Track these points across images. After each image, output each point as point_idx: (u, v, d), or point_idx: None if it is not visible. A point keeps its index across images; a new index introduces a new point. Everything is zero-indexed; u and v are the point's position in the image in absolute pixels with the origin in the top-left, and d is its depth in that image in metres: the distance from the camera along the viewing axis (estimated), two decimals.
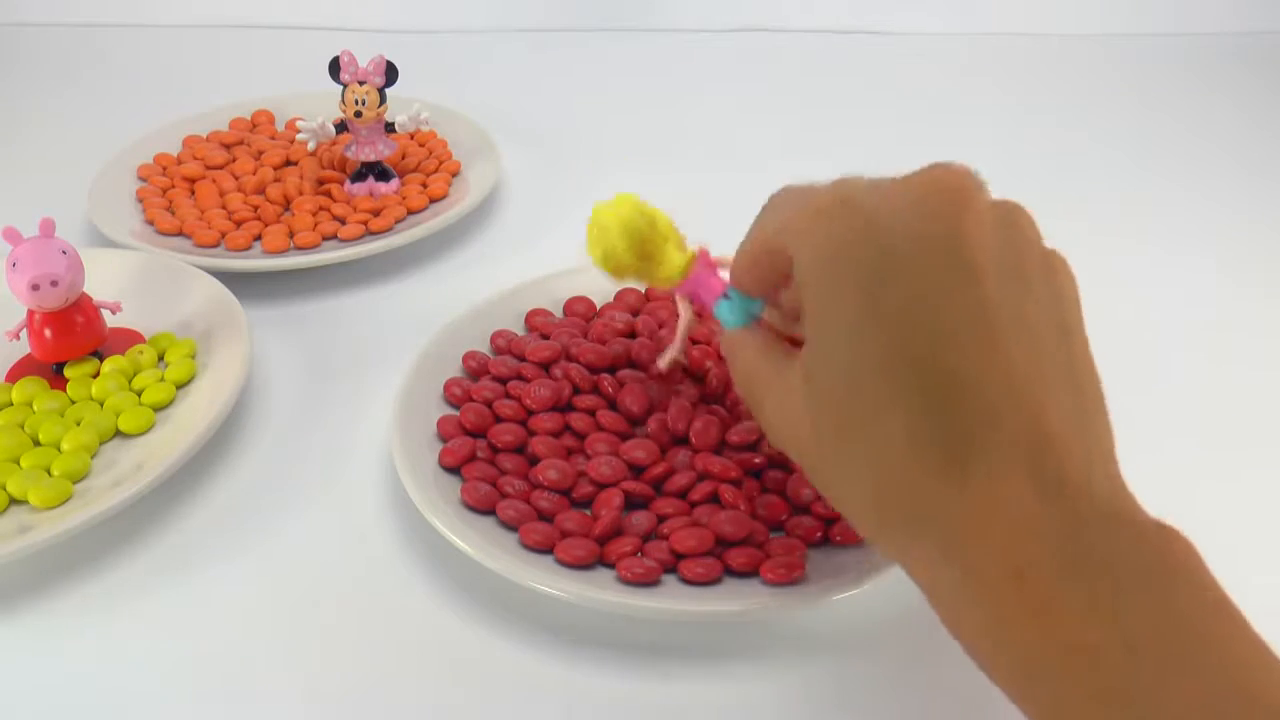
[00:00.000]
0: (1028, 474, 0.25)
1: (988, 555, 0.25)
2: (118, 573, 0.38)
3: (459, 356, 0.44)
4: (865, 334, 0.26)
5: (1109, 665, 0.23)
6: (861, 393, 0.26)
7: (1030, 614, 0.24)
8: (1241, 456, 0.43)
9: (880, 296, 0.26)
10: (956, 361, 0.25)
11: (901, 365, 0.26)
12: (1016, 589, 0.24)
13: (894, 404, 0.26)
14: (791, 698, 0.34)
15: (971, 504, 0.25)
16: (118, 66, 0.81)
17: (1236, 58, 0.82)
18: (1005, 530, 0.24)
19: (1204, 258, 0.57)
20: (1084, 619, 0.23)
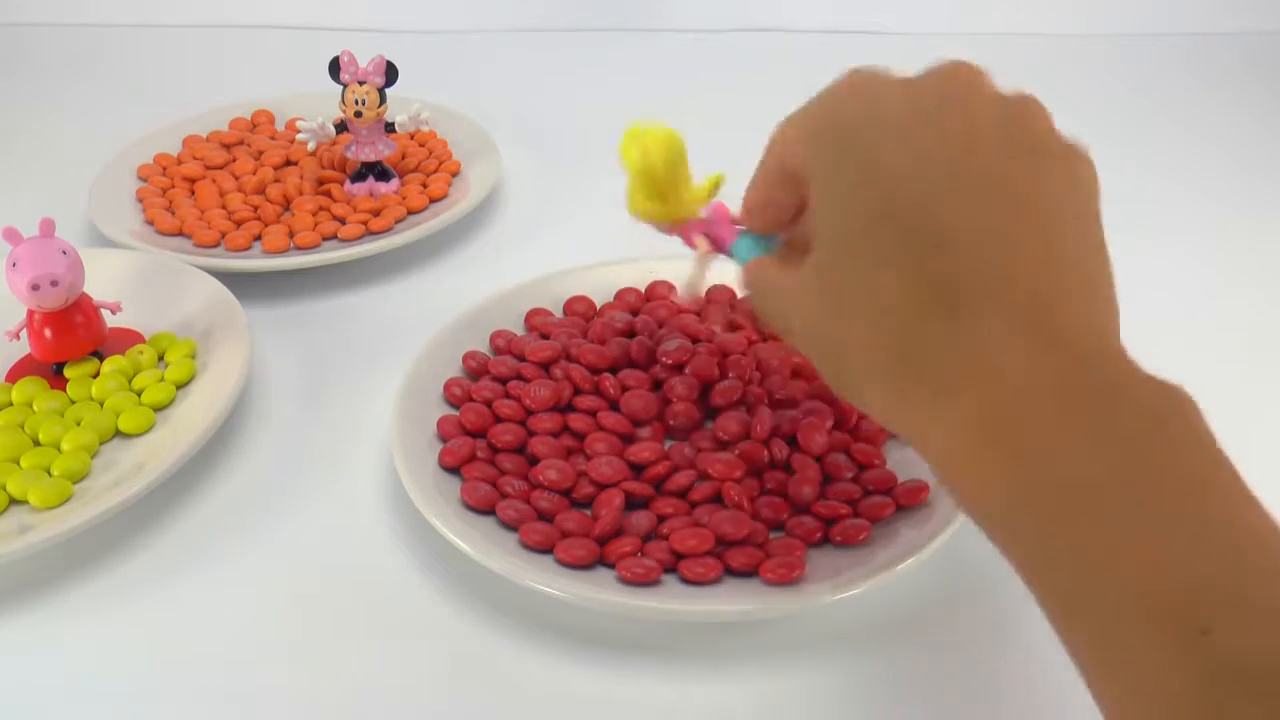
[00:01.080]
0: (1018, 327, 0.25)
1: (976, 397, 0.25)
2: (118, 573, 0.38)
3: (459, 356, 0.44)
4: (861, 195, 0.27)
5: (1107, 505, 0.23)
6: (858, 252, 0.27)
7: (1014, 454, 0.24)
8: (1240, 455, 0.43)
9: (879, 161, 0.27)
10: (949, 217, 0.26)
11: (895, 221, 0.27)
12: (1000, 430, 0.25)
13: (887, 257, 0.27)
14: (791, 698, 0.34)
15: (960, 345, 0.26)
16: (118, 66, 0.81)
17: (1236, 58, 0.82)
18: (1001, 372, 0.25)
19: (1203, 258, 0.57)
20: (1082, 457, 0.23)
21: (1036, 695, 0.33)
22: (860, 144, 0.28)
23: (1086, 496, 0.23)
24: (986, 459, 0.25)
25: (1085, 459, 0.23)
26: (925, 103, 0.28)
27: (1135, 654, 0.21)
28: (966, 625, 0.36)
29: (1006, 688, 0.34)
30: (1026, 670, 0.34)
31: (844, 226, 0.28)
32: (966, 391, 0.25)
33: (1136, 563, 0.22)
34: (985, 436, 0.25)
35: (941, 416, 0.26)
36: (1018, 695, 0.34)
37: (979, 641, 0.35)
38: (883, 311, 0.27)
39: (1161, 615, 0.21)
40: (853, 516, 0.37)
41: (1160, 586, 0.22)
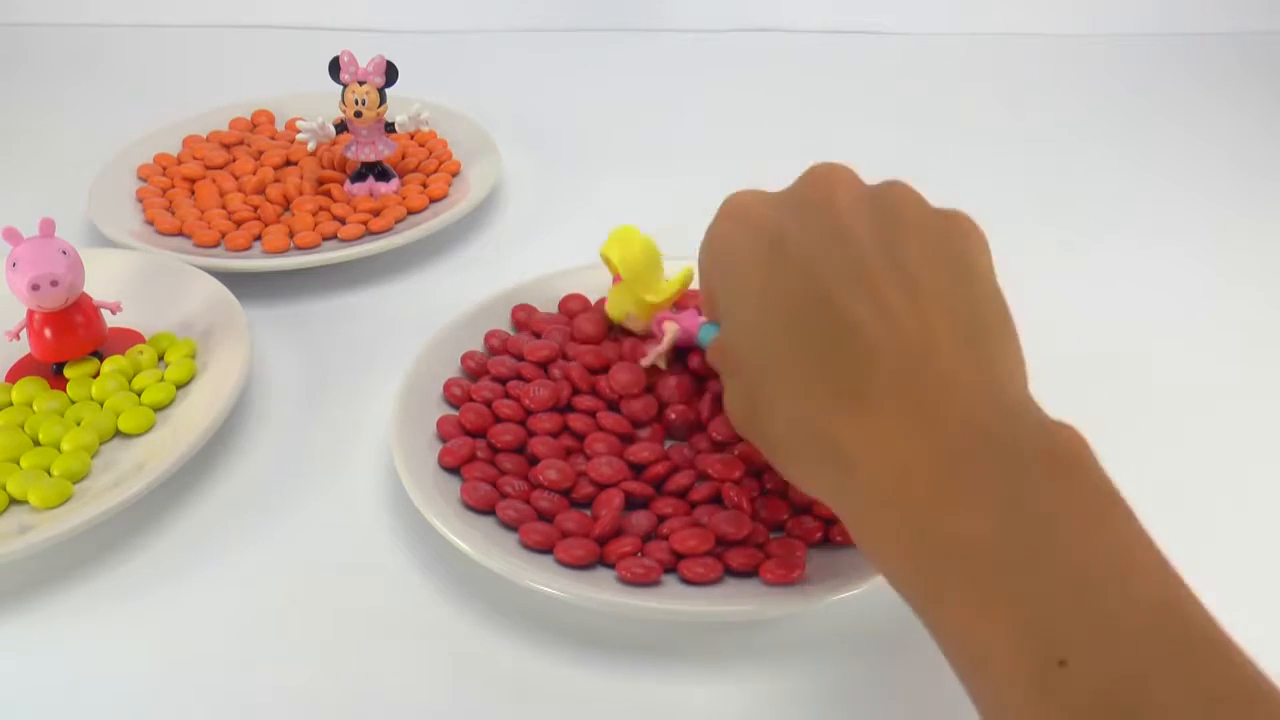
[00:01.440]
0: (905, 396, 0.27)
1: (876, 468, 0.27)
2: (118, 573, 0.38)
3: (459, 356, 0.44)
4: (767, 304, 0.31)
5: (984, 551, 0.24)
6: (770, 350, 0.30)
7: (914, 510, 0.26)
8: (1240, 455, 0.43)
9: (775, 270, 0.31)
10: (841, 309, 0.29)
11: (798, 320, 0.30)
12: (903, 491, 0.26)
13: (795, 352, 0.30)
14: (792, 698, 0.34)
15: (862, 429, 0.28)
16: (118, 66, 0.81)
17: (1236, 58, 0.82)
18: (891, 445, 0.27)
19: (1203, 257, 0.57)
20: (963, 510, 0.25)
21: None
22: (741, 267, 0.32)
23: (969, 548, 0.25)
24: (885, 521, 0.27)
25: (967, 513, 0.25)
26: (802, 211, 0.32)
27: (1010, 696, 0.23)
28: None
29: None
30: None
31: (751, 350, 0.31)
32: (864, 465, 0.27)
33: (1003, 611, 0.23)
34: (883, 501, 0.27)
35: (847, 487, 0.28)
36: None
37: None
38: (794, 405, 0.30)
39: (1022, 654, 0.22)
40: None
41: (1021, 628, 0.23)
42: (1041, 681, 0.22)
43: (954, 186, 0.64)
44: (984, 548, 0.24)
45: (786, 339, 0.30)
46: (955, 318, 0.29)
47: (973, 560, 0.24)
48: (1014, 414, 0.27)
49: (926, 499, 0.26)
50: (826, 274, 0.29)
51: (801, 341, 0.29)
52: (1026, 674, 0.22)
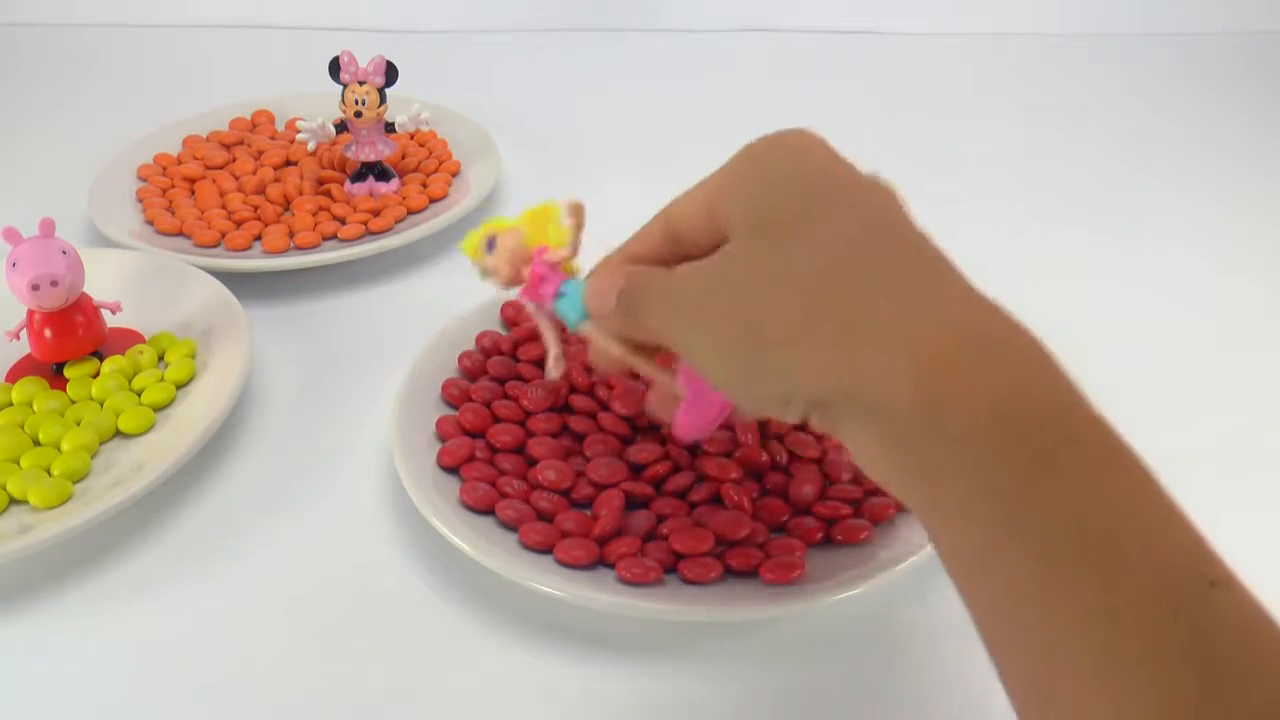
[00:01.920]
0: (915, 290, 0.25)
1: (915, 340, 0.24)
2: (118, 573, 0.38)
3: (458, 357, 0.44)
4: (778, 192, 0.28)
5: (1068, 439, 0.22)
6: (779, 235, 0.27)
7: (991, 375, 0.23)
8: (1240, 454, 0.43)
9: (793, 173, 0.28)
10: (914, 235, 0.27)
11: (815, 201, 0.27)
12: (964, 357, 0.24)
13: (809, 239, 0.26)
14: (792, 698, 0.34)
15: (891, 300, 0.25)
16: (118, 66, 0.81)
17: (1236, 58, 0.82)
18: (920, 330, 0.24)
19: (1203, 257, 0.57)
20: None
21: None
22: (774, 158, 0.29)
23: (1084, 429, 0.22)
24: (969, 375, 0.23)
25: (1080, 395, 0.23)
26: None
27: (1125, 612, 0.20)
28: (966, 625, 0.36)
29: None
30: None
31: (761, 212, 0.28)
32: (942, 319, 0.24)
33: (1128, 510, 0.21)
34: (970, 356, 0.23)
35: (908, 334, 0.24)
36: None
37: (979, 642, 0.35)
38: (815, 272, 0.25)
39: (1163, 564, 0.20)
40: (853, 516, 0.37)
41: (1160, 535, 0.21)
42: (1191, 596, 0.20)
43: (954, 186, 0.64)
44: (1117, 434, 0.23)
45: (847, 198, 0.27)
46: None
47: (1109, 438, 0.22)
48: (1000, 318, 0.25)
49: (1047, 366, 0.24)
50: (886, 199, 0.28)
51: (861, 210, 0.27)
52: (1177, 587, 0.20)
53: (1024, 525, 0.21)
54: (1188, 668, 0.19)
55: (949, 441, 0.23)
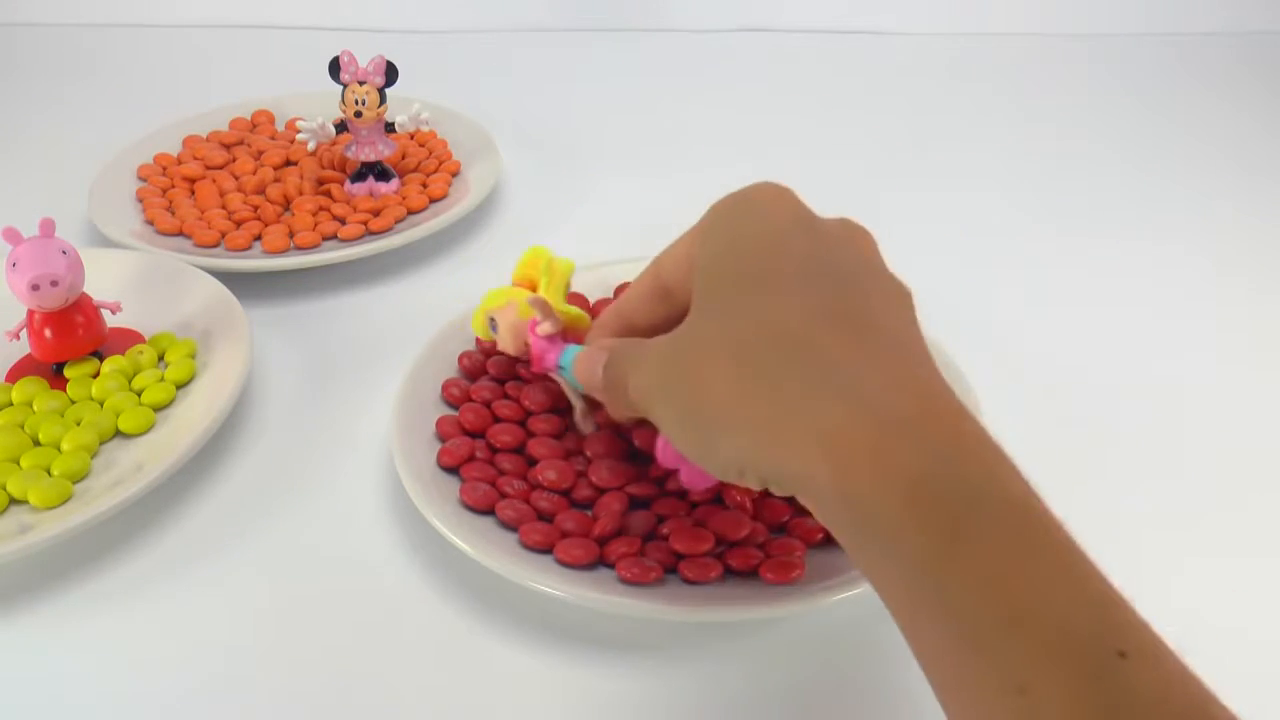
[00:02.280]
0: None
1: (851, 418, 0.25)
2: (118, 573, 0.38)
3: (458, 356, 0.44)
4: (730, 257, 0.29)
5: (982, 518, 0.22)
6: (725, 301, 0.28)
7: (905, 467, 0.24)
8: (1239, 452, 0.43)
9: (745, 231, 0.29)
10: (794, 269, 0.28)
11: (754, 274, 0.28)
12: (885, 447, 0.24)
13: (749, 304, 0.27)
14: (791, 698, 0.34)
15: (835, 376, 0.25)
16: (118, 66, 0.81)
17: (1236, 58, 0.82)
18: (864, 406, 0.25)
19: (1203, 257, 0.57)
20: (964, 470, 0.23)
21: None
22: (735, 219, 0.30)
23: (992, 508, 0.22)
24: (876, 458, 0.23)
25: (991, 471, 0.23)
26: (810, 215, 0.30)
27: (1040, 677, 0.20)
28: None
29: None
30: None
31: (713, 281, 0.29)
32: (851, 399, 0.25)
33: (1037, 586, 0.21)
34: (875, 437, 0.24)
35: (820, 414, 0.24)
36: None
37: None
38: (747, 351, 0.26)
39: (1069, 637, 0.20)
40: None
41: (1067, 609, 0.21)
42: (1098, 668, 0.20)
43: (954, 186, 0.64)
44: (1030, 506, 0.23)
45: (797, 267, 0.28)
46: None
47: (1015, 522, 0.23)
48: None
49: (959, 444, 0.24)
50: (851, 260, 0.29)
51: (811, 273, 0.27)
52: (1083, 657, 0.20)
53: (939, 602, 0.22)
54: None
55: (866, 524, 0.23)
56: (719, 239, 0.30)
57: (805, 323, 0.26)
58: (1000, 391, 0.42)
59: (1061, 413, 0.45)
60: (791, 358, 0.25)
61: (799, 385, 0.25)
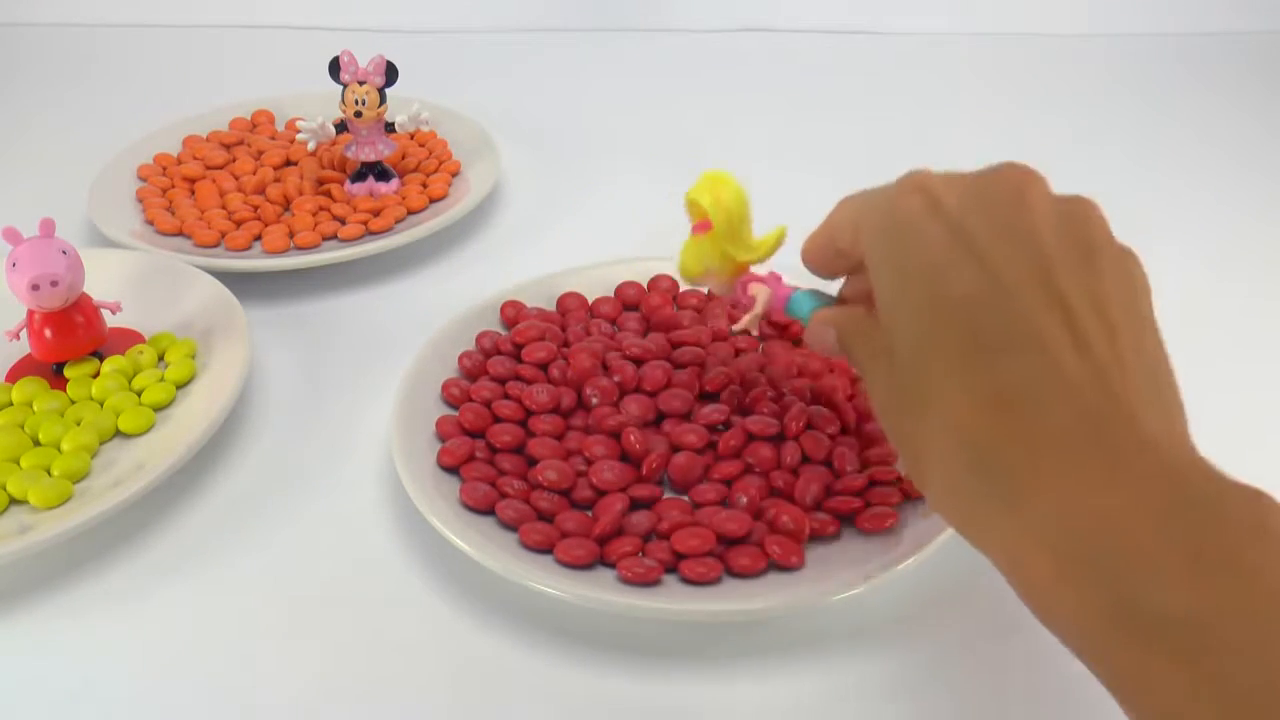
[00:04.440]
0: (1090, 435, 0.25)
1: (1051, 504, 0.24)
2: (118, 573, 0.38)
3: (458, 356, 0.44)
4: (926, 305, 0.28)
5: (1200, 629, 0.22)
6: (927, 361, 0.27)
7: (1098, 572, 0.23)
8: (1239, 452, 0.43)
9: (953, 256, 0.27)
10: (1024, 311, 0.26)
11: (973, 313, 0.27)
12: (1081, 545, 0.24)
13: (953, 367, 0.27)
14: (791, 698, 0.34)
15: (1039, 459, 0.25)
16: (118, 66, 0.81)
17: (1236, 58, 0.82)
18: (1079, 491, 0.24)
19: (1204, 257, 0.57)
20: (1177, 580, 0.22)
21: (1039, 693, 0.33)
22: (920, 246, 0.28)
23: (1183, 624, 0.22)
24: (1066, 575, 0.24)
25: (1183, 585, 0.22)
26: (983, 203, 0.28)
27: None
28: (968, 624, 0.36)
29: (1009, 686, 0.34)
30: (1029, 668, 0.34)
31: (913, 335, 0.28)
32: (1039, 497, 0.24)
33: (1224, 686, 0.21)
34: (1063, 550, 0.24)
35: (1013, 525, 0.25)
36: (1020, 693, 0.34)
37: (981, 640, 0.35)
38: (952, 421, 0.26)
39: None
40: (861, 510, 0.37)
41: (1241, 711, 0.21)
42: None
43: None
44: (1200, 625, 0.22)
45: (956, 330, 0.27)
46: (1144, 366, 0.27)
47: (1186, 638, 0.22)
48: (1211, 476, 0.24)
49: (1130, 561, 0.23)
50: (1010, 273, 0.27)
51: (972, 336, 0.26)
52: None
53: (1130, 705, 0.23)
54: None
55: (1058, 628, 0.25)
56: (886, 274, 0.29)
57: (986, 423, 0.26)
58: None
59: None
60: (985, 473, 0.26)
61: (992, 514, 0.25)
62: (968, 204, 0.28)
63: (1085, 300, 0.26)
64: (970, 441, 0.26)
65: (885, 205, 0.30)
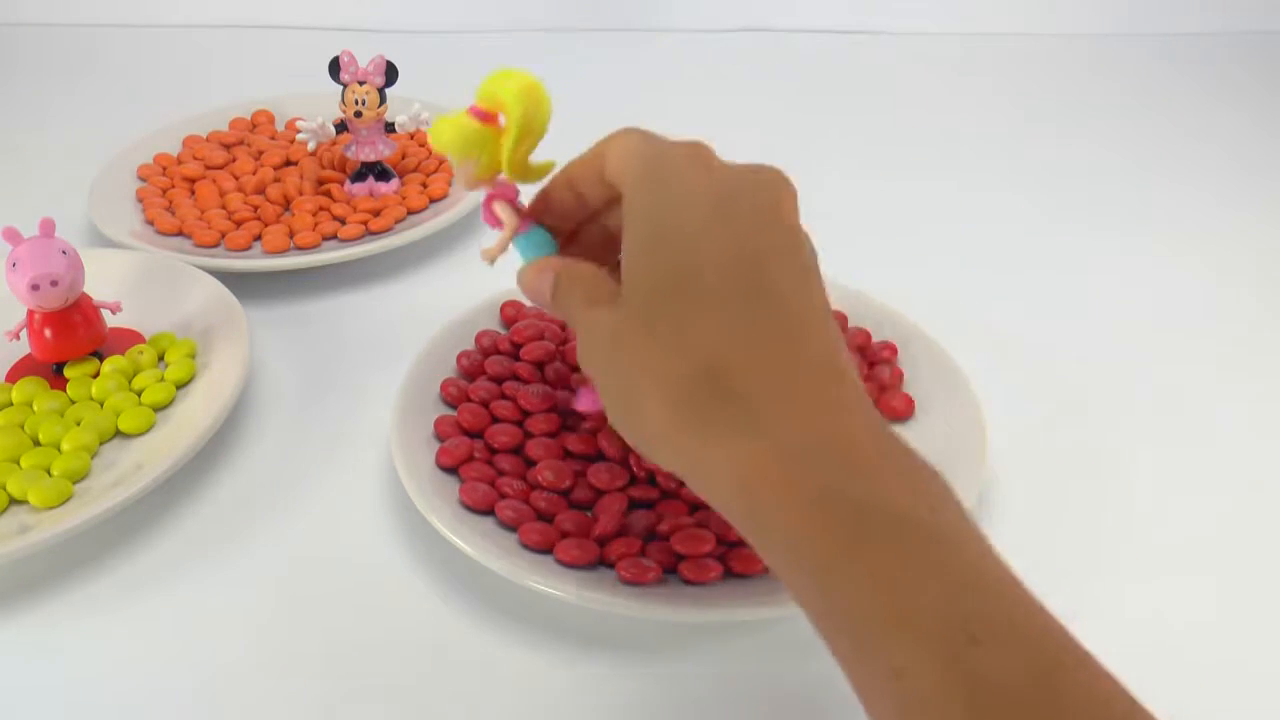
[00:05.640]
0: (834, 381, 0.28)
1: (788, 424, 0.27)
2: (118, 573, 0.38)
3: (457, 356, 0.44)
4: (663, 255, 0.30)
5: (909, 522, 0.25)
6: (654, 307, 0.29)
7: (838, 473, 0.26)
8: (1239, 452, 0.43)
9: (681, 226, 0.30)
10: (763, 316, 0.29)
11: (712, 304, 0.29)
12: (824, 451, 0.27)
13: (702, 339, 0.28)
14: (792, 698, 0.34)
15: (763, 438, 0.27)
16: (118, 66, 0.81)
17: (1236, 58, 0.82)
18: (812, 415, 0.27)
19: (1203, 257, 0.57)
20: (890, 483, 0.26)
21: None
22: (685, 207, 0.30)
23: (881, 520, 0.25)
24: (784, 476, 0.26)
25: (884, 490, 0.26)
26: (748, 187, 0.31)
27: (912, 661, 0.23)
28: None
29: None
30: None
31: (662, 275, 0.30)
32: (781, 418, 0.27)
33: (920, 580, 0.24)
34: (786, 456, 0.26)
35: (748, 444, 0.27)
36: None
37: None
38: (696, 354, 0.28)
39: (935, 628, 0.23)
40: None
41: (940, 600, 0.24)
42: (956, 653, 0.23)
43: (954, 186, 0.64)
44: (907, 520, 0.25)
45: (709, 280, 0.29)
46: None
47: (896, 529, 0.25)
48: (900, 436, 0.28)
49: (849, 464, 0.26)
50: (758, 241, 0.30)
51: (726, 285, 0.29)
52: (944, 643, 0.23)
53: (833, 603, 0.25)
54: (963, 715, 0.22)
55: (770, 538, 0.27)
56: (641, 224, 0.31)
57: (726, 351, 0.28)
58: (999, 390, 0.42)
59: (1061, 411, 0.45)
60: (713, 397, 0.28)
61: (720, 429, 0.27)
62: (736, 182, 0.31)
63: (811, 272, 0.30)
64: (708, 371, 0.28)
65: (662, 161, 0.32)
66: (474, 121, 0.35)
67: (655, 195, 0.31)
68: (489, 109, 0.35)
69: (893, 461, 0.27)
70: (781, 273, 0.29)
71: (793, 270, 0.30)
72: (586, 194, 0.35)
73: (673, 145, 0.33)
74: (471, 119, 0.35)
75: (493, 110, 0.35)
